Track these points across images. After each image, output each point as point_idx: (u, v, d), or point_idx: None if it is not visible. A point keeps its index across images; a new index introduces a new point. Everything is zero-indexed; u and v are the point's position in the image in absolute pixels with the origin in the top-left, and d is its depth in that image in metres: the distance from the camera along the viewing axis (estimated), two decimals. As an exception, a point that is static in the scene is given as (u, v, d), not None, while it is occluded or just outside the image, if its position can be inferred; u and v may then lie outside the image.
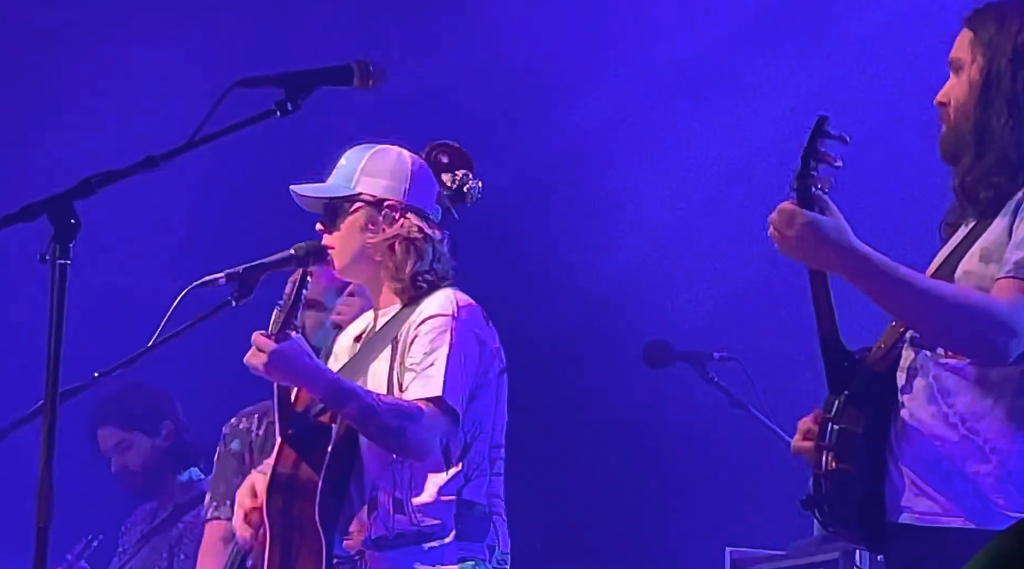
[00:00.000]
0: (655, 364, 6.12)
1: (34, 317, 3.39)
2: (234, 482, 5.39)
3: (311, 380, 4.16)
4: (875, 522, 3.44)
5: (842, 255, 3.34)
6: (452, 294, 4.31)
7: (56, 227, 3.13)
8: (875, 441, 3.44)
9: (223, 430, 5.49)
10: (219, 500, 5.40)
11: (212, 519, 5.39)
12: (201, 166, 4.81)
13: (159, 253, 6.90)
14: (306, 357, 4.16)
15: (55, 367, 3.10)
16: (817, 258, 3.38)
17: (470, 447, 4.26)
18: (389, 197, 4.37)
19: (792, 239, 3.35)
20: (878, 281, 3.35)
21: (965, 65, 3.49)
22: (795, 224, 3.34)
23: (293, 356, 4.13)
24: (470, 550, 4.21)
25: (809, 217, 3.34)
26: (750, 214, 7.01)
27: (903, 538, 3.41)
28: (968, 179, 3.46)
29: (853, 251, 3.34)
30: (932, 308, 3.34)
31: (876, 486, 3.44)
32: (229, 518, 5.36)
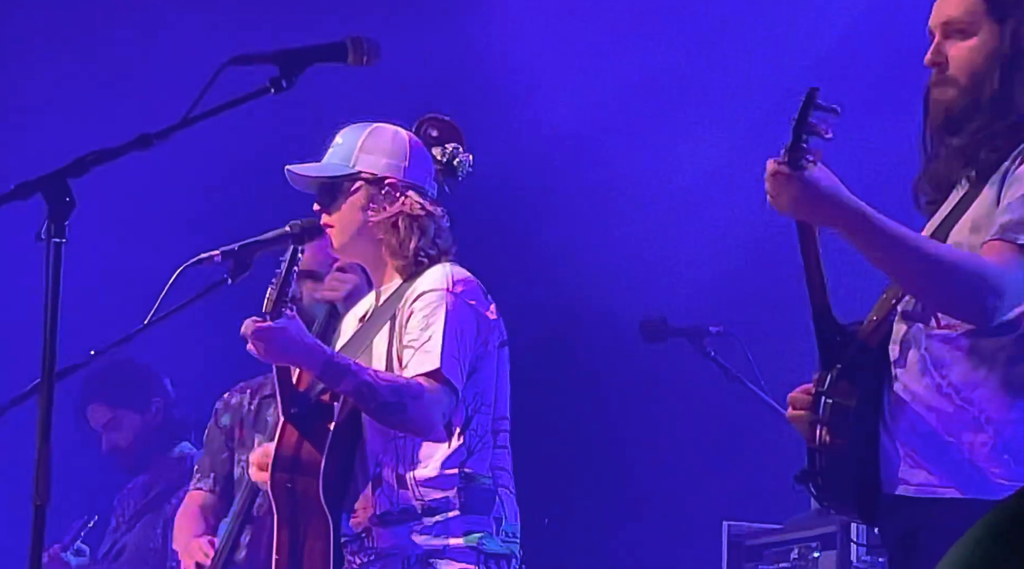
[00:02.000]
0: (651, 339, 6.13)
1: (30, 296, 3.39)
2: (218, 457, 5.41)
3: (307, 358, 4.16)
4: (870, 495, 3.45)
5: (838, 210, 3.33)
6: (448, 268, 4.32)
7: (51, 206, 3.13)
8: (868, 414, 3.44)
9: (216, 405, 5.51)
10: (203, 472, 5.43)
11: (194, 489, 5.42)
12: (196, 144, 4.81)
13: (155, 231, 6.90)
14: (302, 335, 4.16)
15: (51, 346, 3.10)
16: (813, 212, 3.35)
17: (471, 420, 4.27)
18: (389, 175, 4.37)
19: (788, 192, 3.33)
20: (874, 236, 3.34)
21: (974, 29, 3.47)
22: (792, 181, 3.32)
23: (288, 335, 4.13)
24: (476, 523, 4.22)
25: (805, 173, 3.31)
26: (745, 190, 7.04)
27: (898, 510, 3.42)
28: (974, 140, 3.45)
29: (849, 205, 3.33)
30: (925, 264, 3.33)
31: (870, 459, 3.44)
32: (211, 490, 5.39)
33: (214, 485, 5.39)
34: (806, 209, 3.35)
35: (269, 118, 6.04)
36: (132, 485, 6.29)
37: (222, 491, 5.38)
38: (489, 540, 4.22)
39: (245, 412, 5.42)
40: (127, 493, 6.30)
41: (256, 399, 5.43)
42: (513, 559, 4.26)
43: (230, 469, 5.40)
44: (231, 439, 5.41)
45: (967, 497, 3.34)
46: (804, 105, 3.35)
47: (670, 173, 7.14)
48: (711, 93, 7.15)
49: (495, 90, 7.11)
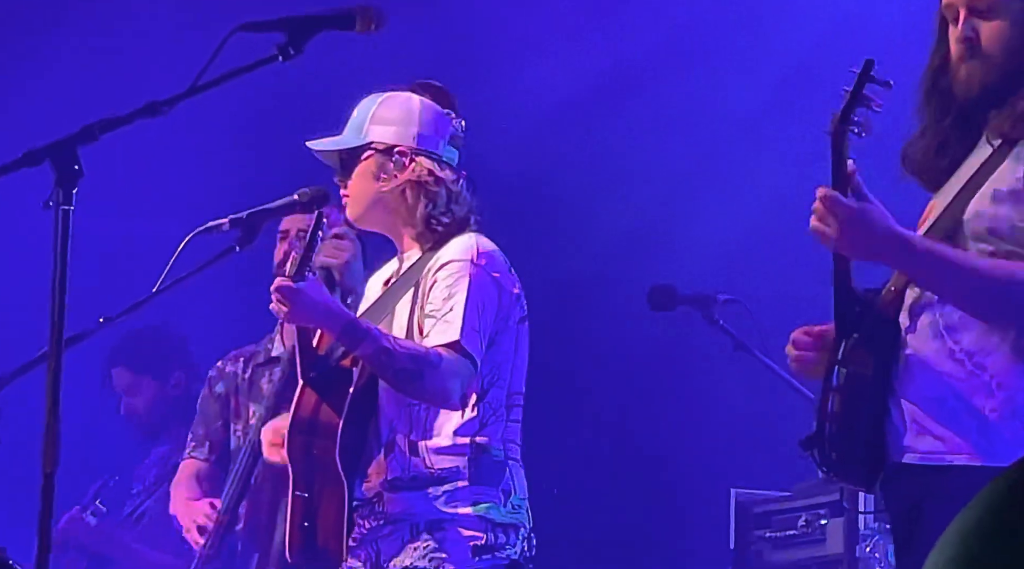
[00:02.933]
0: (660, 308, 6.12)
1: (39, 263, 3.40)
2: (213, 426, 5.42)
3: (328, 320, 4.18)
4: (875, 464, 3.45)
5: (887, 245, 3.36)
6: (473, 239, 4.32)
7: (59, 173, 3.13)
8: (881, 384, 3.45)
9: (209, 372, 5.52)
10: (198, 441, 5.44)
11: (189, 458, 5.43)
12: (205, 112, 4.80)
13: (163, 199, 6.90)
14: (324, 297, 4.18)
15: (60, 313, 3.11)
16: (861, 249, 3.40)
17: (487, 393, 4.28)
18: (399, 143, 4.37)
19: (836, 232, 3.36)
20: (923, 266, 3.38)
21: (1001, 5, 3.48)
22: (840, 214, 3.34)
23: (313, 297, 4.15)
24: (484, 494, 4.23)
25: (852, 209, 3.34)
26: (755, 159, 7.03)
27: (904, 478, 3.42)
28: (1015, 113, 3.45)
29: (896, 239, 3.36)
30: (977, 286, 3.36)
31: (878, 427, 3.44)
32: (205, 459, 5.40)
33: (209, 454, 5.40)
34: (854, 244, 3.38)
35: (280, 85, 6.03)
36: (154, 455, 6.33)
37: (217, 460, 5.39)
38: (496, 511, 4.23)
39: (240, 381, 5.42)
40: (149, 463, 6.33)
41: (250, 368, 5.44)
42: (521, 528, 4.28)
43: (225, 437, 5.41)
44: (226, 408, 5.42)
45: (976, 464, 3.34)
46: (860, 76, 3.37)
47: (679, 139, 7.13)
48: (722, 58, 7.13)
49: (502, 54, 7.10)
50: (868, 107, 3.37)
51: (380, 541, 4.24)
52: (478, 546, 4.20)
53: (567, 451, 6.92)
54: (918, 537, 3.39)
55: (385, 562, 4.23)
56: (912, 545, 3.42)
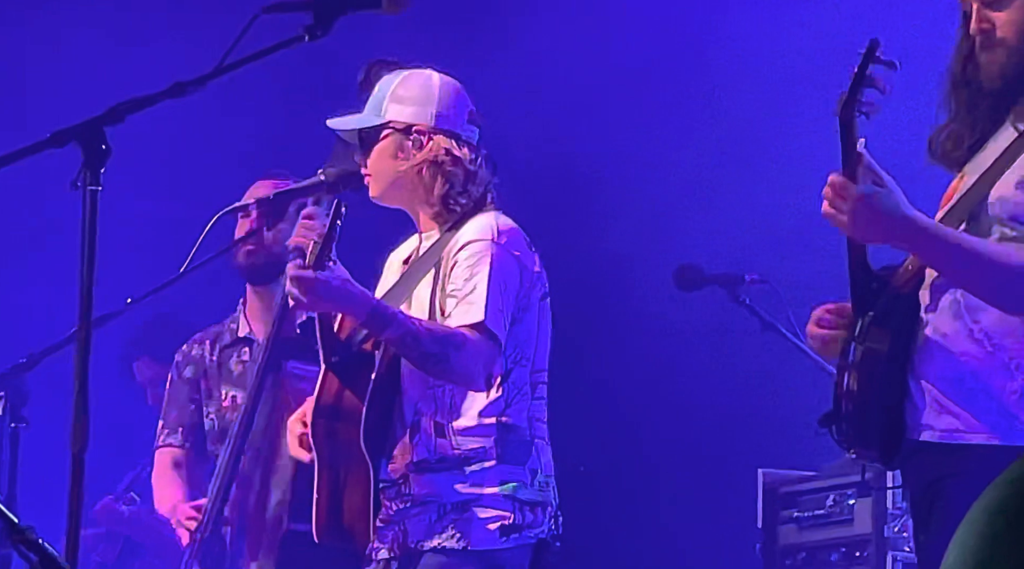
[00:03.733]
0: (686, 287, 6.11)
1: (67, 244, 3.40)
2: (185, 410, 5.40)
3: (353, 305, 4.19)
4: (893, 441, 3.45)
5: (898, 228, 3.36)
6: (493, 218, 4.32)
7: (86, 153, 3.14)
8: (898, 361, 3.44)
9: (176, 358, 5.48)
10: (171, 427, 5.39)
11: (164, 446, 5.39)
12: (231, 92, 4.81)
13: (191, 180, 6.91)
14: (347, 283, 4.18)
15: (88, 293, 3.12)
16: (873, 233, 3.39)
17: (511, 372, 4.28)
18: (417, 122, 4.37)
19: (848, 215, 3.35)
20: (935, 250, 3.38)
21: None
22: (849, 199, 3.34)
23: (334, 284, 4.15)
24: (512, 473, 4.24)
25: (863, 191, 3.34)
26: (781, 138, 7.01)
27: (922, 456, 3.42)
28: None
29: (909, 222, 3.36)
30: (991, 273, 3.36)
31: (896, 405, 3.44)
32: (180, 446, 5.38)
33: (184, 440, 5.36)
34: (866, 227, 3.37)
35: (305, 65, 6.03)
36: None
37: (192, 445, 5.36)
38: (524, 489, 4.23)
39: (208, 364, 5.40)
40: None
41: (216, 349, 5.41)
42: (548, 506, 4.28)
43: (198, 420, 5.36)
44: (196, 390, 5.39)
45: (995, 443, 3.34)
46: (864, 57, 3.36)
47: (707, 118, 7.11)
48: (750, 42, 7.11)
49: (530, 33, 7.08)
50: (875, 88, 3.37)
51: (407, 522, 4.25)
52: (505, 526, 4.20)
53: (594, 430, 6.92)
54: (936, 515, 3.39)
55: (412, 543, 4.24)
56: (930, 523, 3.41)
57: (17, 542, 2.61)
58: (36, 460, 5.01)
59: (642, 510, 7.01)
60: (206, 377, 5.38)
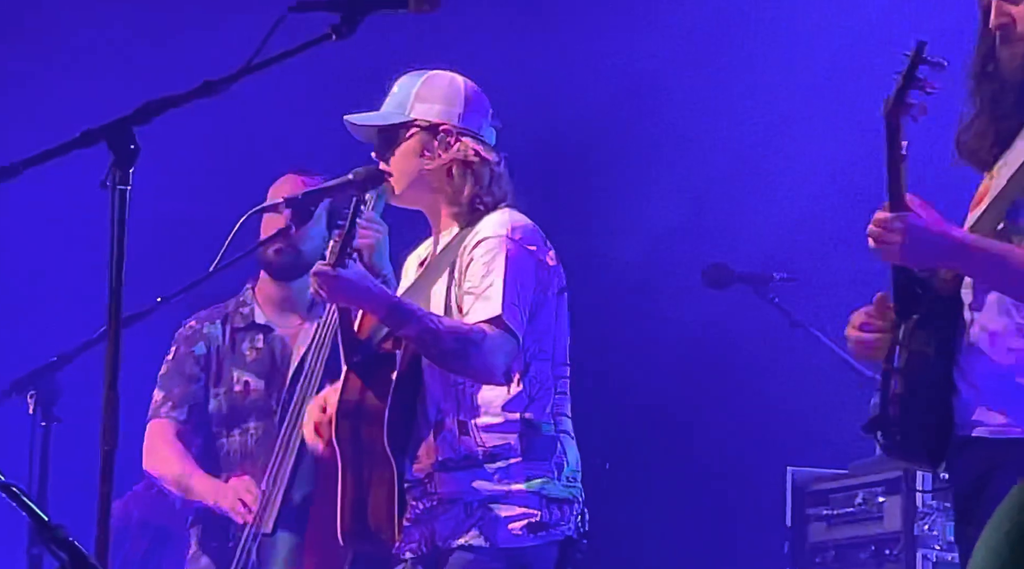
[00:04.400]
0: (714, 286, 6.11)
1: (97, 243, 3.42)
2: (191, 387, 5.32)
3: (372, 302, 4.20)
4: (941, 441, 3.45)
5: (947, 252, 3.39)
6: (507, 214, 4.33)
7: (116, 153, 3.15)
8: (944, 361, 3.45)
9: (181, 332, 5.35)
10: (175, 401, 5.27)
11: (165, 418, 5.27)
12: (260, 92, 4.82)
13: (219, 179, 6.93)
14: (367, 280, 4.19)
15: (118, 292, 3.13)
16: (923, 260, 3.43)
17: (530, 367, 4.28)
18: (443, 122, 4.38)
19: (898, 248, 3.38)
20: (980, 266, 3.40)
21: None
22: (897, 233, 3.38)
23: (354, 281, 4.17)
24: (538, 469, 4.24)
25: (911, 223, 3.37)
26: (810, 137, 7.00)
27: (972, 452, 3.42)
28: None
29: (957, 244, 3.39)
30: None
31: (944, 404, 3.44)
32: (184, 422, 5.30)
33: (187, 417, 5.26)
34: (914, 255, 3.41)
35: (332, 64, 6.04)
36: None
37: (194, 424, 5.27)
38: (551, 485, 4.24)
39: (221, 343, 5.35)
40: None
41: (228, 328, 5.36)
42: (575, 503, 4.28)
43: (204, 399, 5.28)
44: (206, 370, 5.33)
45: None
46: (912, 58, 3.37)
47: (736, 119, 7.11)
48: (778, 39, 7.10)
49: (556, 32, 7.09)
50: (922, 90, 3.37)
51: (434, 521, 4.25)
52: (532, 523, 4.20)
53: (621, 427, 6.92)
54: (983, 507, 3.38)
55: (440, 541, 4.24)
56: (974, 517, 3.41)
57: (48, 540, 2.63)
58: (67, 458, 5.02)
59: (670, 508, 7.01)
60: (219, 356, 5.34)
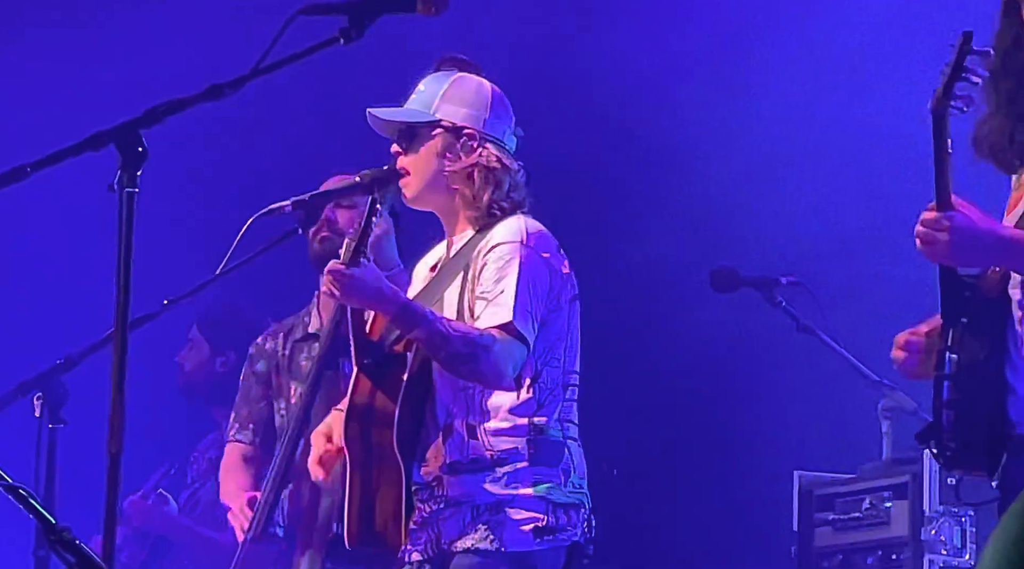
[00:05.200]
0: (722, 289, 6.11)
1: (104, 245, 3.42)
2: (256, 406, 5.37)
3: (383, 302, 4.20)
4: (998, 446, 3.41)
5: (995, 250, 3.37)
6: (522, 221, 4.33)
7: (123, 155, 3.15)
8: (996, 363, 3.42)
9: (250, 350, 5.46)
10: (242, 422, 5.35)
11: (233, 441, 5.37)
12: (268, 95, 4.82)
13: (227, 181, 6.93)
14: (379, 281, 4.20)
15: (125, 295, 3.13)
16: (971, 259, 3.41)
17: (541, 373, 4.28)
18: (468, 125, 4.38)
19: (946, 247, 3.35)
20: None
21: None
22: (945, 231, 3.34)
23: (367, 280, 4.17)
24: (545, 474, 4.24)
25: (957, 222, 3.34)
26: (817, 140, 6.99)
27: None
28: None
29: (1001, 241, 3.36)
30: None
31: (999, 405, 3.41)
32: (251, 442, 5.36)
33: (254, 437, 5.33)
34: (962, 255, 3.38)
35: (342, 67, 6.04)
36: (206, 441, 6.34)
37: (262, 441, 5.34)
38: (558, 490, 4.24)
39: (280, 358, 5.37)
40: (202, 448, 6.34)
41: (289, 343, 5.39)
42: (582, 509, 4.28)
43: (269, 415, 5.33)
44: (267, 386, 5.37)
45: None
46: (960, 48, 3.34)
47: (744, 123, 7.10)
48: (786, 45, 7.10)
49: (564, 36, 7.09)
50: (968, 80, 3.34)
51: (441, 524, 4.25)
52: (539, 528, 4.20)
53: (628, 432, 6.92)
54: None
55: (446, 544, 4.24)
56: None
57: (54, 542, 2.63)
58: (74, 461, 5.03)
59: (677, 513, 7.01)
60: (277, 372, 5.36)
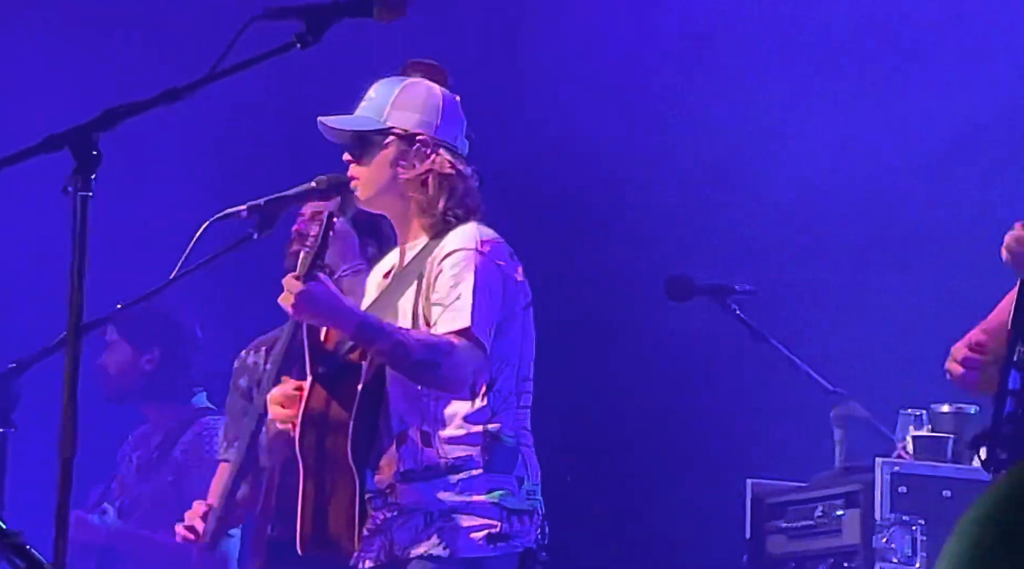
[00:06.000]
0: (677, 297, 6.11)
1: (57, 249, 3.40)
2: (241, 422, 5.34)
3: (340, 319, 4.18)
4: None
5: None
6: (475, 228, 4.32)
7: (78, 159, 3.14)
8: None
9: (234, 364, 5.44)
10: (228, 442, 5.30)
11: (222, 461, 5.34)
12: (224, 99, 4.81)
13: (181, 186, 6.90)
14: (334, 298, 4.17)
15: (78, 299, 3.12)
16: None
17: (496, 381, 4.28)
18: (421, 132, 4.37)
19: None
20: None
21: None
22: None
23: (321, 297, 4.15)
24: (499, 481, 4.24)
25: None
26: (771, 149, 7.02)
27: None
28: None
29: None
30: None
31: None
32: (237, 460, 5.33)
33: (241, 454, 5.31)
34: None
35: (298, 72, 6.03)
36: (132, 438, 6.27)
37: (252, 458, 5.31)
38: (511, 497, 4.24)
39: (261, 372, 5.36)
40: (128, 447, 6.27)
41: (270, 358, 5.37)
42: (536, 515, 4.28)
43: (256, 431, 5.34)
44: (249, 401, 5.35)
45: None
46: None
47: (698, 132, 7.12)
48: (742, 55, 7.12)
49: (523, 42, 7.09)
50: None
51: (394, 531, 4.25)
52: (492, 534, 4.20)
53: (581, 439, 6.92)
54: None
55: (399, 551, 4.23)
56: None
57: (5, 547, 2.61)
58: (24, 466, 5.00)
59: (629, 520, 7.02)
60: (258, 387, 5.34)
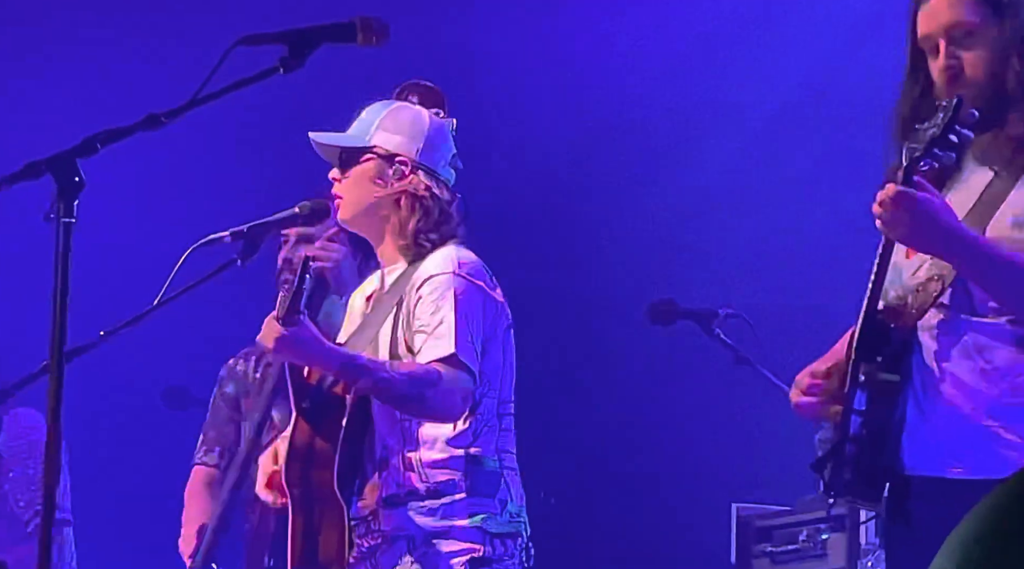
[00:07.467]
0: (660, 321, 6.12)
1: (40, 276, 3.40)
2: (225, 429, 5.34)
3: (322, 360, 4.18)
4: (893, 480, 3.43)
5: (951, 239, 3.37)
6: (453, 251, 4.32)
7: (60, 185, 3.13)
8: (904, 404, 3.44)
9: (220, 372, 5.44)
10: (208, 445, 5.33)
11: (198, 464, 5.35)
12: (206, 125, 4.81)
13: (165, 212, 6.90)
14: (314, 341, 4.16)
15: (61, 325, 3.11)
16: (924, 240, 3.40)
17: (479, 404, 4.28)
18: (401, 153, 4.38)
19: (903, 219, 3.35)
20: (980, 264, 3.38)
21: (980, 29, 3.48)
22: (905, 204, 3.34)
23: (301, 341, 4.13)
24: (481, 505, 4.24)
25: (924, 197, 3.35)
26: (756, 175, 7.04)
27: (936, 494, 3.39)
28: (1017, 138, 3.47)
29: (961, 235, 3.37)
30: None
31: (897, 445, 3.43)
32: (215, 465, 5.33)
33: (219, 459, 5.32)
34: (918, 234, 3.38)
35: (280, 97, 6.04)
36: None
37: (227, 465, 5.33)
38: (493, 520, 4.23)
39: (250, 381, 5.36)
40: None
41: (260, 367, 5.37)
42: (519, 538, 4.27)
43: (236, 439, 5.32)
44: (236, 409, 5.35)
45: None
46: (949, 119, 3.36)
47: (682, 155, 7.14)
48: (728, 80, 7.14)
49: (510, 64, 7.10)
50: None
51: (379, 556, 4.24)
52: (475, 558, 4.20)
53: (568, 464, 6.92)
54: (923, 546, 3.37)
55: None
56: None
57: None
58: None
59: (615, 544, 7.01)
60: (247, 395, 5.34)
